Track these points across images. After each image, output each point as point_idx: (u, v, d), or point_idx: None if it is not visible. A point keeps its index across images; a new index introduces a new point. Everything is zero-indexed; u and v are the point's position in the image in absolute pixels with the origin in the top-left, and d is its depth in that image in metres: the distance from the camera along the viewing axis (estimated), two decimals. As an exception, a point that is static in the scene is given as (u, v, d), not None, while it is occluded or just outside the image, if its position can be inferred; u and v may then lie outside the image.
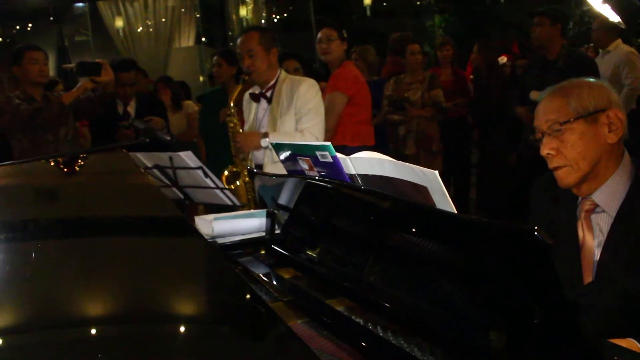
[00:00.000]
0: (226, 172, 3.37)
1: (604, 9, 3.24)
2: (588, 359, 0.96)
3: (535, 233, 0.89)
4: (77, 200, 1.75)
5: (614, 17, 3.43)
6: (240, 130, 3.30)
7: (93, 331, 0.93)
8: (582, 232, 1.74)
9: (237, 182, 3.33)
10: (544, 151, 1.73)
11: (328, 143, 1.52)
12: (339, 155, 1.49)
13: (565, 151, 1.70)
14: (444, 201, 1.14)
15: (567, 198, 1.80)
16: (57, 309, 0.97)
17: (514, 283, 0.99)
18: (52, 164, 2.39)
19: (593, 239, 1.71)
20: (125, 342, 0.86)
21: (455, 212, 1.15)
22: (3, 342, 0.88)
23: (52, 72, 11.34)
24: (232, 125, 3.29)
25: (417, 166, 1.16)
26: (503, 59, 6.99)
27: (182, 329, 0.91)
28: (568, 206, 1.80)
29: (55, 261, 1.17)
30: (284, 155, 1.79)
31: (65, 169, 2.18)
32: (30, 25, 13.00)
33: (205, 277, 1.11)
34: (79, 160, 2.29)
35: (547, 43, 4.21)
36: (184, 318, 0.94)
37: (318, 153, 1.54)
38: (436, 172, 1.12)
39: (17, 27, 13.19)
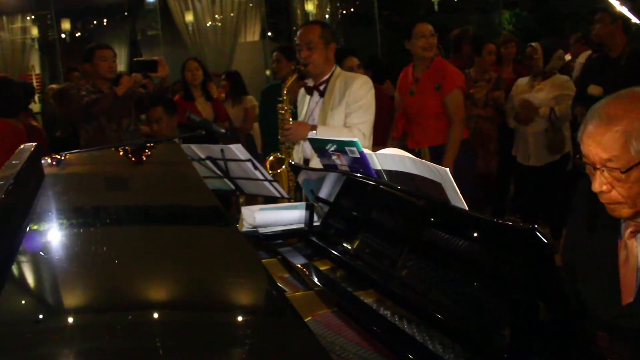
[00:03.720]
0: (271, 157, 3.45)
1: (624, 10, 3.11)
2: (590, 355, 0.98)
3: (537, 232, 0.92)
4: (125, 187, 1.87)
5: (635, 19, 3.29)
6: (290, 119, 3.36)
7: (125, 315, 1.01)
8: (625, 252, 1.65)
9: (279, 170, 3.40)
10: (596, 187, 1.57)
11: (355, 139, 1.57)
12: (365, 151, 1.53)
13: (621, 190, 1.55)
14: (456, 197, 1.17)
15: (610, 215, 1.66)
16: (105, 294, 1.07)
17: (517, 280, 1.01)
18: (117, 152, 2.55)
19: (636, 259, 1.62)
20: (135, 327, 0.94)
21: (467, 209, 1.17)
22: (68, 321, 0.97)
23: (124, 66, 11.84)
24: (282, 112, 3.35)
25: (432, 164, 1.20)
26: (567, 56, 6.78)
27: (190, 313, 0.98)
28: (611, 223, 1.69)
29: (92, 247, 1.27)
30: (319, 150, 1.85)
31: (131, 158, 2.32)
32: (105, 20, 13.58)
33: (228, 264, 1.18)
34: (143, 150, 2.43)
35: (608, 41, 4.07)
36: (195, 301, 1.02)
37: (347, 149, 1.59)
38: (447, 169, 1.15)
39: (94, 22, 13.79)
